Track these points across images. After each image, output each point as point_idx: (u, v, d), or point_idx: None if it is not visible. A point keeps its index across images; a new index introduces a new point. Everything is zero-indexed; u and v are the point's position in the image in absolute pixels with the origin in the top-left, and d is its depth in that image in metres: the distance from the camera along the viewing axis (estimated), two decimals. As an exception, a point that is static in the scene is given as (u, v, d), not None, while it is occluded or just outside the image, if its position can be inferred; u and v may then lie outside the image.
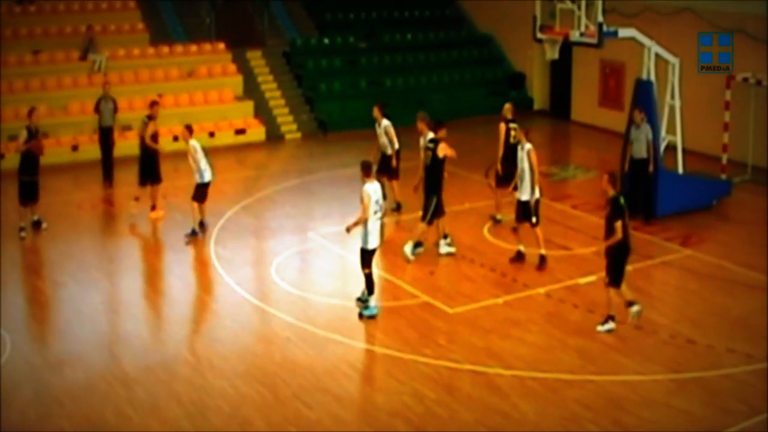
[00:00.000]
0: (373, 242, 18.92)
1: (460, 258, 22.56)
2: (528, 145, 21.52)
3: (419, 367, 17.09)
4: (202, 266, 22.22)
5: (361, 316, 19.17)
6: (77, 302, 20.38)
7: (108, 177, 29.28)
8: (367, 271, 19.11)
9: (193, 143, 23.67)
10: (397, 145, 25.42)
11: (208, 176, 23.67)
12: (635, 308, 18.45)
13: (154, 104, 26.58)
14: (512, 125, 24.21)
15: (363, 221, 18.73)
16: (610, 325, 18.58)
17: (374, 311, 19.19)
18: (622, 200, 18.38)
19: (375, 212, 18.79)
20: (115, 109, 29.13)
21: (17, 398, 16.10)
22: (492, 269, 21.74)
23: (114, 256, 23.29)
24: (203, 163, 23.68)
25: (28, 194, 24.33)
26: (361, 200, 18.82)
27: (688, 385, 16.54)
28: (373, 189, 18.83)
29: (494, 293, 20.41)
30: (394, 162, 25.50)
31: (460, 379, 16.76)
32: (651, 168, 24.72)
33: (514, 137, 23.32)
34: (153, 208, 25.76)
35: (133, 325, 19.22)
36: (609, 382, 16.60)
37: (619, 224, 18.18)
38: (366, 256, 19.04)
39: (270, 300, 20.34)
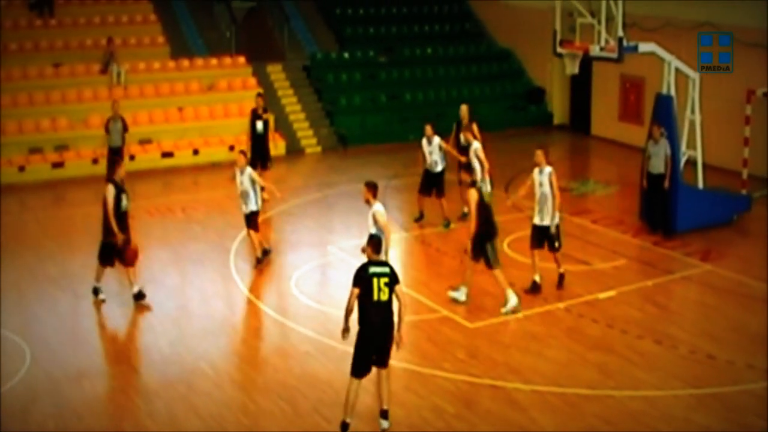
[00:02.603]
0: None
1: (479, 272, 22.48)
2: (548, 168, 20.87)
3: (438, 382, 17.08)
4: (221, 279, 22.23)
5: None
6: (97, 314, 20.44)
7: None
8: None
9: (250, 170, 22.73)
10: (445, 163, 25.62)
11: (259, 203, 23.24)
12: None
13: None
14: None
15: (388, 239, 18.50)
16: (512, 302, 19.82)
17: None
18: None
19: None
20: (125, 129, 28.78)
21: (36, 410, 16.14)
22: (511, 284, 21.58)
23: (134, 269, 23.35)
24: (257, 190, 23.07)
25: (107, 256, 20.94)
26: (376, 221, 18.60)
27: (707, 400, 16.48)
28: (383, 208, 18.82)
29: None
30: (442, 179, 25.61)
31: (479, 394, 16.74)
32: (667, 184, 24.67)
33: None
34: None
35: (152, 338, 19.25)
36: (628, 398, 16.55)
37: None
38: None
39: (289, 313, 20.36)
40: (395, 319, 14.97)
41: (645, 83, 34.68)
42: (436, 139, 25.37)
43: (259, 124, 28.64)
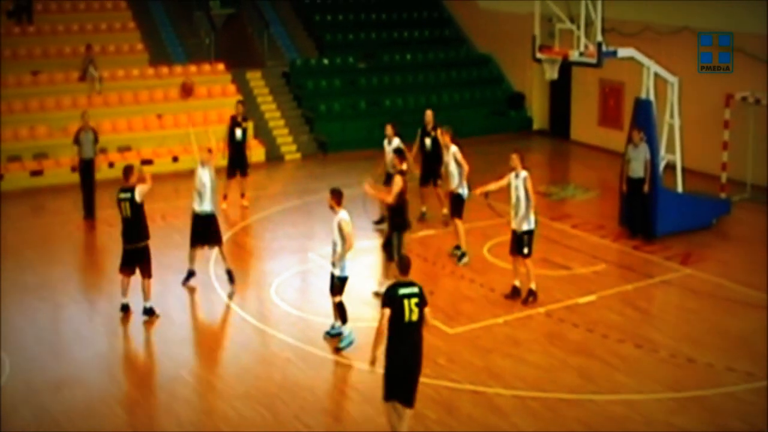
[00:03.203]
0: (348, 270, 18.67)
1: (459, 278, 22.56)
2: (524, 173, 20.72)
3: (419, 388, 16.99)
4: (201, 287, 22.15)
5: (338, 350, 18.70)
6: (77, 324, 20.39)
7: (89, 210, 27.84)
8: (338, 299, 18.74)
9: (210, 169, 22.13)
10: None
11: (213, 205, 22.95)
12: None
13: None
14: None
15: (350, 248, 18.36)
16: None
17: (351, 338, 18.81)
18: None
19: None
20: (96, 140, 28.12)
21: (16, 420, 16.06)
22: (492, 289, 21.72)
23: (114, 278, 23.19)
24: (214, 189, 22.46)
25: (129, 262, 20.36)
26: (341, 230, 18.36)
27: (688, 404, 16.53)
28: (348, 216, 18.56)
29: (494, 313, 20.38)
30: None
31: (460, 399, 16.74)
32: (646, 188, 24.74)
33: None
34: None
35: (133, 347, 19.21)
36: (609, 402, 16.58)
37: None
38: (336, 283, 18.73)
39: (270, 321, 20.32)
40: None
41: (624, 88, 34.76)
42: (396, 140, 25.33)
43: (238, 132, 28.66)
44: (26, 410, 16.38)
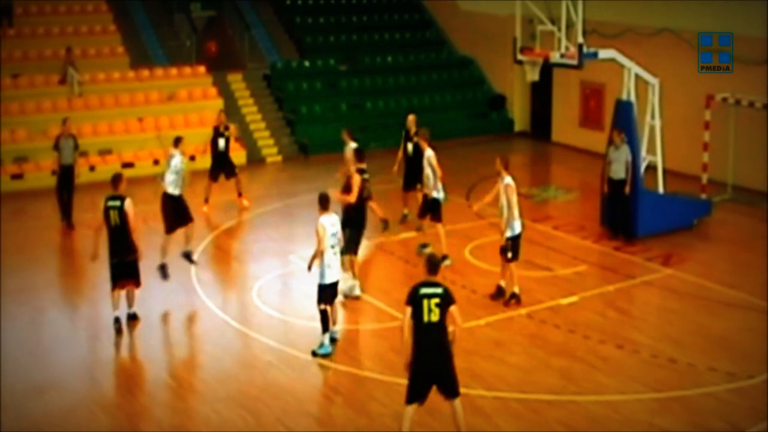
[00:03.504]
0: (331, 276, 18.35)
1: (440, 280, 22.46)
2: (507, 179, 20.60)
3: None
4: (183, 290, 22.10)
5: (314, 354, 18.59)
6: (58, 328, 20.31)
7: (68, 217, 27.51)
8: (322, 307, 18.50)
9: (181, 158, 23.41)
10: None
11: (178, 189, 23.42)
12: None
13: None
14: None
15: (319, 255, 18.19)
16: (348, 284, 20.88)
17: (328, 350, 18.64)
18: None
19: (332, 246, 18.24)
20: (76, 147, 27.72)
21: (-3, 424, 16.03)
22: (473, 291, 21.72)
23: (95, 282, 23.15)
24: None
25: (119, 277, 19.83)
26: (316, 233, 18.32)
27: (669, 404, 16.56)
28: (329, 222, 18.23)
29: (476, 314, 20.35)
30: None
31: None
32: (628, 189, 24.79)
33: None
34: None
35: (114, 350, 19.13)
36: (591, 402, 16.59)
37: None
38: (321, 291, 18.45)
39: (251, 324, 20.28)
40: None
41: (605, 89, 34.81)
42: (352, 145, 25.25)
43: (221, 142, 28.73)
44: (8, 414, 16.29)
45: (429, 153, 23.57)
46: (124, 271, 19.71)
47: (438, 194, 23.52)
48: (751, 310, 20.89)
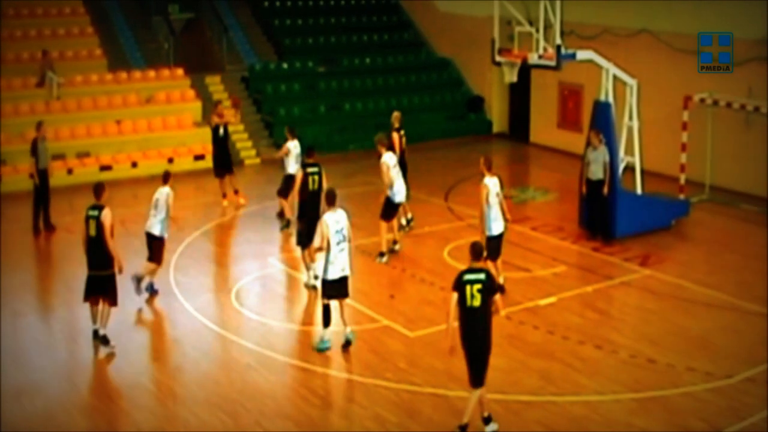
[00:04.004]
0: (334, 273, 18.37)
1: (419, 281, 22.57)
2: (484, 180, 20.92)
3: (380, 391, 17.06)
4: (162, 294, 22.02)
5: (317, 350, 18.83)
6: (36, 331, 20.26)
7: (46, 220, 27.42)
8: (325, 301, 18.70)
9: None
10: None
11: None
12: None
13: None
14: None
15: (322, 250, 18.35)
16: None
17: (328, 345, 18.82)
18: None
19: (338, 242, 18.25)
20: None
21: (-25, 429, 15.96)
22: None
23: (72, 285, 23.08)
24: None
25: (93, 290, 19.25)
26: (320, 229, 18.43)
27: (648, 404, 16.60)
28: (333, 219, 18.28)
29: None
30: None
31: (421, 403, 16.73)
32: (606, 190, 24.84)
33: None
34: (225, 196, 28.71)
35: (92, 354, 19.05)
36: (570, 403, 16.63)
37: None
38: (324, 286, 18.66)
39: (230, 326, 20.24)
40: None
41: (583, 90, 34.89)
42: (295, 142, 26.06)
43: (221, 130, 29.23)
44: (-15, 419, 16.27)
45: (386, 157, 23.71)
46: (98, 285, 19.06)
47: (391, 193, 23.82)
48: (729, 309, 20.97)
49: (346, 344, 18.88)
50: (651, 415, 16.25)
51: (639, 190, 26.25)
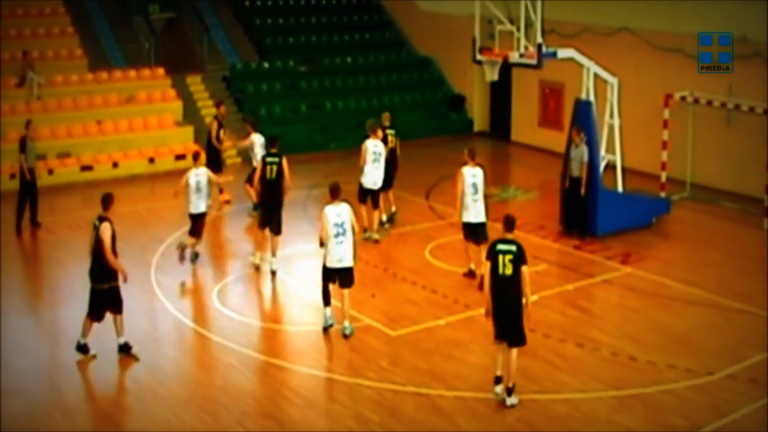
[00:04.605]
0: (330, 262, 18.90)
1: (401, 280, 22.57)
2: (462, 168, 21.99)
3: (362, 391, 17.05)
4: (143, 294, 21.97)
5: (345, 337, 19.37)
6: (17, 332, 20.15)
7: (35, 218, 27.39)
8: (323, 285, 19.33)
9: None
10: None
11: None
12: None
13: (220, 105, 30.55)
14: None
15: (321, 240, 18.94)
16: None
17: (330, 322, 19.48)
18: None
19: (336, 235, 18.68)
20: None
21: (-44, 430, 15.90)
22: (433, 291, 21.75)
23: (54, 286, 23.08)
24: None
25: (98, 306, 18.62)
26: (320, 220, 19.05)
27: (630, 401, 16.63)
28: (334, 212, 18.79)
29: (436, 315, 20.41)
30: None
31: (403, 402, 16.73)
32: (583, 190, 24.90)
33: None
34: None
35: (73, 355, 18.96)
36: (552, 401, 16.65)
37: None
38: (323, 272, 19.22)
39: (212, 326, 20.22)
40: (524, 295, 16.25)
41: (564, 89, 34.94)
42: (256, 136, 26.74)
43: (222, 132, 29.55)
44: (-35, 420, 16.21)
45: (367, 142, 24.72)
46: (101, 299, 18.45)
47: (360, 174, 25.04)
48: (709, 307, 21.03)
49: (345, 336, 19.33)
50: (632, 412, 16.28)
51: (620, 189, 26.30)
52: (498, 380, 16.50)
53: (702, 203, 28.92)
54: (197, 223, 23.44)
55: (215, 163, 28.88)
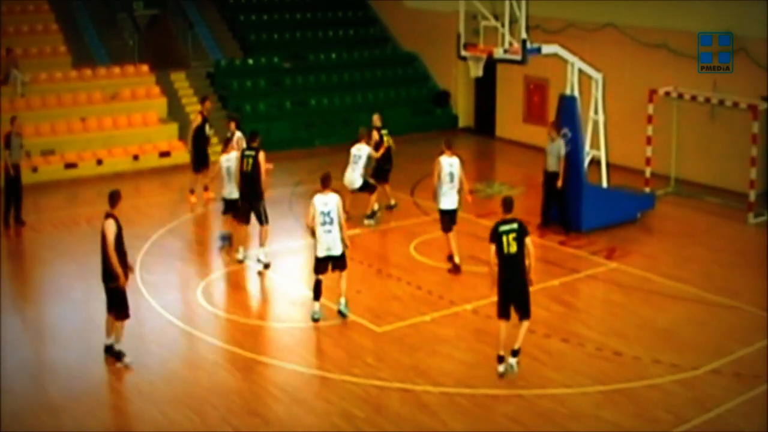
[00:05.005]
0: (320, 251, 19.51)
1: (386, 276, 22.57)
2: (440, 158, 22.60)
3: (348, 387, 17.05)
4: (128, 291, 21.87)
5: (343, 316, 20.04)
6: (2, 332, 20.08)
7: (19, 216, 27.30)
8: (315, 277, 19.82)
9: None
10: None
11: None
12: None
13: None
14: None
15: (308, 229, 19.74)
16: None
17: (317, 316, 19.94)
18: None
19: (322, 223, 19.22)
20: (21, 146, 27.51)
21: (-60, 429, 15.85)
22: (419, 287, 21.76)
23: (38, 283, 23.01)
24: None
25: (115, 305, 18.40)
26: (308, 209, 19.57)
27: (615, 396, 16.67)
28: (321, 201, 19.32)
29: (421, 311, 20.43)
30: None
31: (388, 398, 16.74)
32: (559, 184, 24.98)
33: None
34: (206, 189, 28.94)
35: (58, 353, 18.95)
36: (537, 396, 16.66)
37: None
38: (315, 262, 19.79)
39: (196, 323, 20.18)
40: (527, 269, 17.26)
41: (549, 84, 34.96)
42: (238, 133, 26.70)
43: (207, 127, 29.63)
44: (-50, 419, 16.16)
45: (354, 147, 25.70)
46: (108, 298, 18.29)
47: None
48: (694, 302, 21.08)
49: (340, 315, 20.01)
50: (618, 407, 16.31)
51: (605, 184, 26.35)
52: (501, 359, 17.29)
53: (686, 198, 28.99)
54: (258, 210, 23.57)
55: (200, 159, 28.84)
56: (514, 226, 17.07)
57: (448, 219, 22.72)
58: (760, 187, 27.54)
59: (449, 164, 22.50)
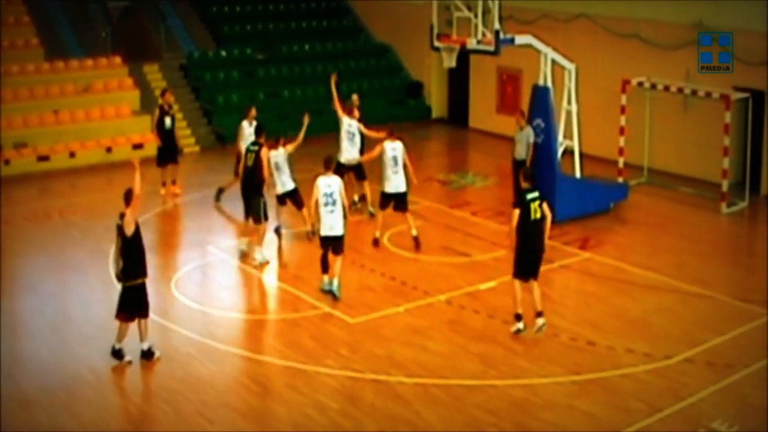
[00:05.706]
0: (324, 230, 20.38)
1: (359, 267, 22.56)
2: (384, 143, 23.74)
3: (322, 379, 17.06)
4: (101, 285, 21.85)
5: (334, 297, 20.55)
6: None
7: None
8: (321, 252, 20.75)
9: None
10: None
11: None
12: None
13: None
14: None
15: (312, 208, 20.63)
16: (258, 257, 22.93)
17: (326, 287, 20.81)
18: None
19: (326, 204, 20.10)
20: None
21: None
22: (392, 278, 21.77)
23: (11, 276, 22.89)
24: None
25: (129, 305, 17.96)
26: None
27: (589, 386, 16.73)
28: (324, 183, 20.23)
29: (395, 302, 20.44)
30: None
31: (362, 389, 16.75)
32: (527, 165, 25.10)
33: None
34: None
35: (31, 346, 18.88)
36: (511, 386, 16.71)
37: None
38: (320, 241, 20.71)
39: (170, 316, 20.11)
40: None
41: (522, 75, 35.00)
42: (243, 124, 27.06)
43: (168, 121, 28.95)
44: None
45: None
46: (133, 296, 17.81)
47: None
48: (667, 291, 21.18)
49: (331, 294, 20.65)
50: (591, 396, 16.37)
51: (578, 174, 26.41)
52: (519, 317, 18.74)
53: (659, 188, 29.08)
54: (295, 199, 24.21)
55: (163, 153, 28.68)
56: (537, 194, 18.47)
57: (390, 201, 23.60)
58: (732, 177, 27.66)
59: (392, 148, 23.42)
